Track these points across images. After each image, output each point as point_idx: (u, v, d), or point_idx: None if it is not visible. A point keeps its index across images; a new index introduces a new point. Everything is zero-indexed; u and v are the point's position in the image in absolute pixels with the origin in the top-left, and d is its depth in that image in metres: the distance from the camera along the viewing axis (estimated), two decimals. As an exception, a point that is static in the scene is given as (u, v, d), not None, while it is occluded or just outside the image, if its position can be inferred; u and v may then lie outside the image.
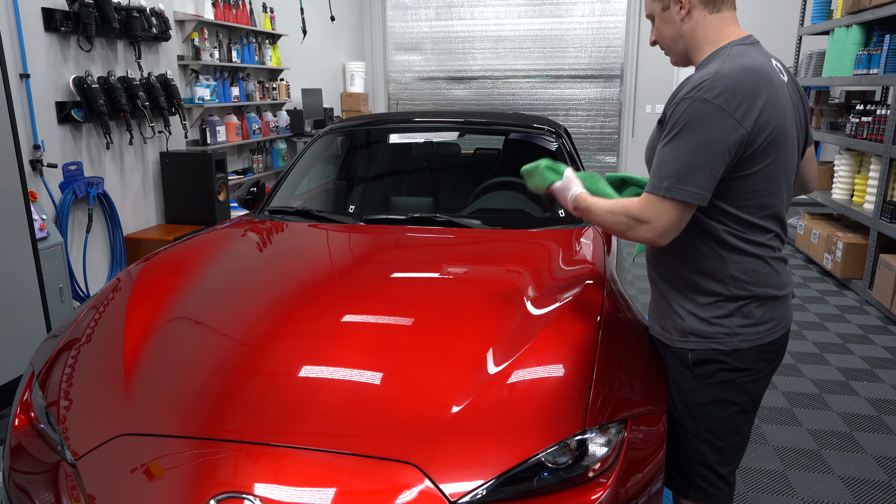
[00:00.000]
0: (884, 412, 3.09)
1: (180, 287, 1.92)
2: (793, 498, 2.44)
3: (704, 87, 1.35)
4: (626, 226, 1.44)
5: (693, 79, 1.40)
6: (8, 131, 3.02)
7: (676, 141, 1.37)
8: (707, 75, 1.37)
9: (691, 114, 1.35)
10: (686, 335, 1.52)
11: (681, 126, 1.36)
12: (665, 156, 1.38)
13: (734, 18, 1.49)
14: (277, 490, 1.23)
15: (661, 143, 1.41)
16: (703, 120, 1.34)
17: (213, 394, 1.45)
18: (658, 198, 1.38)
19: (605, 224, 1.50)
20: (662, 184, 1.37)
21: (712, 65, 1.41)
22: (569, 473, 1.33)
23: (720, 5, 1.47)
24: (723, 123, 1.33)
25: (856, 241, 4.95)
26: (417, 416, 1.37)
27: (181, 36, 5.38)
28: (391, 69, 9.61)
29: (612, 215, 1.47)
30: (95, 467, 1.34)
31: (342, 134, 3.17)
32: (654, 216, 1.39)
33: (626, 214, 1.43)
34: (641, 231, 1.42)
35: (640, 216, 1.41)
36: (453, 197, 2.98)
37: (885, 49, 4.56)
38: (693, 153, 1.35)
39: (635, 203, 1.43)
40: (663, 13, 1.52)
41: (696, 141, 1.34)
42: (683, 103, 1.37)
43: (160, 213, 5.14)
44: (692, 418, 1.55)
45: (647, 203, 1.40)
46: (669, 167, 1.37)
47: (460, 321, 1.67)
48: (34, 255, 3.22)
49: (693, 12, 1.48)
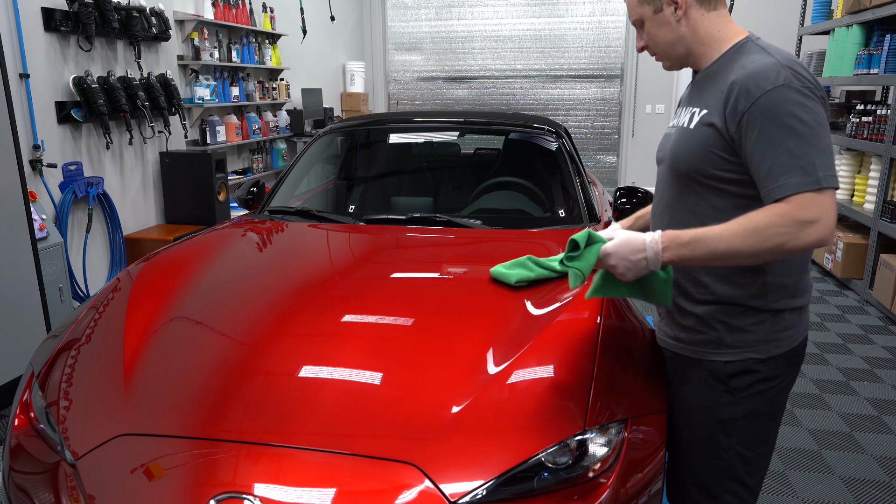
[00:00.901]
0: (884, 412, 3.09)
1: (180, 287, 1.92)
2: (793, 498, 2.44)
3: (788, 76, 1.25)
4: (787, 236, 1.21)
5: (752, 74, 1.28)
6: (8, 131, 3.02)
7: (795, 133, 1.23)
8: (774, 66, 1.27)
9: (793, 105, 1.23)
10: (721, 347, 1.44)
11: (786, 117, 1.24)
12: (792, 151, 1.23)
13: (729, 16, 1.43)
14: (277, 490, 1.23)
15: (761, 143, 1.26)
16: (806, 106, 1.24)
17: (213, 394, 1.45)
18: (814, 193, 1.21)
19: (746, 249, 1.23)
20: (816, 175, 1.21)
21: (759, 56, 1.31)
22: (569, 473, 1.32)
23: (716, 2, 1.40)
24: (822, 108, 1.27)
25: (856, 241, 4.95)
26: (417, 416, 1.37)
27: (181, 36, 5.38)
28: (391, 69, 9.61)
29: (755, 234, 1.23)
30: (95, 467, 1.34)
31: (342, 134, 3.17)
32: (822, 212, 1.21)
33: (784, 223, 1.21)
34: (810, 234, 1.21)
35: (806, 217, 1.20)
36: (453, 197, 2.98)
37: (886, 49, 4.56)
38: (823, 139, 1.24)
39: (786, 208, 1.22)
40: (656, 16, 1.43)
41: (818, 129, 1.24)
42: (772, 95, 1.24)
43: (160, 213, 5.14)
44: (726, 433, 1.46)
45: (805, 202, 1.21)
46: (809, 158, 1.22)
47: (460, 321, 1.67)
48: (34, 255, 3.21)
49: (690, 12, 1.39)
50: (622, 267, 1.35)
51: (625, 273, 1.35)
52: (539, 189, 2.87)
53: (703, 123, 1.37)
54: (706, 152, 1.36)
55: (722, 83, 1.35)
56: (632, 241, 1.34)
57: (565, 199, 2.72)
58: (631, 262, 1.34)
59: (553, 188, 2.86)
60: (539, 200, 2.81)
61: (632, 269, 1.34)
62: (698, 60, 1.44)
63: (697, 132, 1.38)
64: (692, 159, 1.39)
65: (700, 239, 1.27)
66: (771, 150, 1.24)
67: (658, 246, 1.31)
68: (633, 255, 1.33)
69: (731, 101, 1.30)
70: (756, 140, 1.26)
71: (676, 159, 1.43)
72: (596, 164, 9.29)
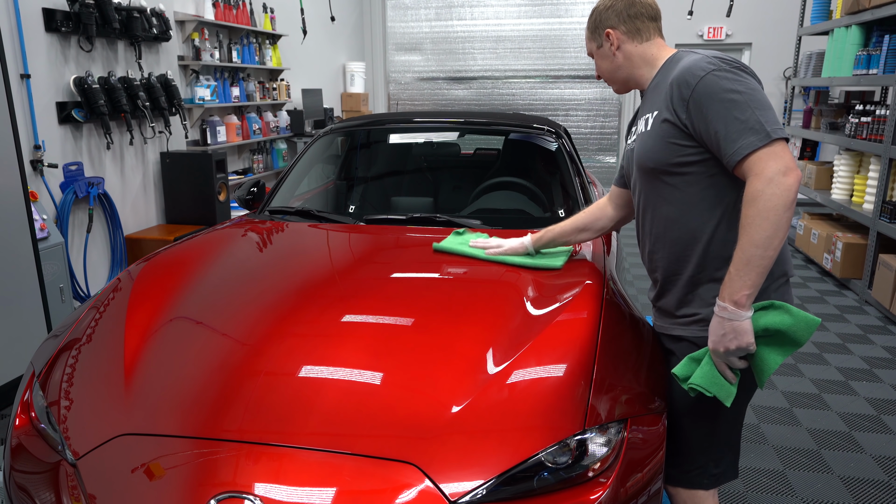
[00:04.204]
0: (883, 412, 3.10)
1: (181, 287, 1.92)
2: (792, 498, 2.44)
3: (716, 62, 1.43)
4: (775, 196, 1.31)
5: (685, 69, 1.46)
6: (9, 131, 3.03)
7: (735, 103, 1.38)
8: (702, 59, 1.46)
9: (726, 82, 1.40)
10: (704, 323, 1.53)
11: (723, 93, 1.39)
12: (740, 115, 1.37)
13: (664, 43, 1.65)
14: (278, 490, 1.24)
15: (711, 119, 1.40)
16: (737, 80, 1.40)
17: (213, 394, 1.45)
18: (768, 147, 1.34)
19: (769, 231, 1.32)
20: (765, 130, 1.35)
21: (688, 56, 1.50)
22: (569, 473, 1.33)
23: (647, 34, 1.63)
24: (753, 79, 1.43)
25: (855, 241, 4.95)
26: (417, 416, 1.37)
27: (181, 36, 5.38)
28: (391, 69, 9.61)
29: (759, 217, 1.32)
30: (96, 467, 1.34)
31: (342, 134, 3.17)
32: (783, 160, 1.32)
33: (764, 189, 1.31)
34: (787, 181, 1.32)
35: (774, 170, 1.32)
36: (453, 197, 2.98)
37: (885, 49, 4.56)
38: (761, 101, 1.38)
39: (754, 181, 1.33)
40: (599, 50, 1.69)
41: (754, 94, 1.39)
42: (707, 80, 1.41)
43: (160, 214, 5.14)
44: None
45: (765, 158, 1.34)
46: (755, 118, 1.36)
47: (460, 321, 1.67)
48: (35, 255, 3.22)
49: (623, 46, 1.64)
50: (722, 346, 1.40)
51: (728, 345, 1.40)
52: (539, 189, 2.88)
53: (658, 122, 1.53)
54: (666, 144, 1.51)
55: (664, 87, 1.53)
56: (714, 327, 1.42)
57: (565, 199, 2.72)
58: (725, 336, 1.40)
59: (553, 188, 2.87)
60: (539, 200, 2.81)
61: (730, 338, 1.39)
62: (639, 82, 1.67)
63: (655, 130, 1.55)
64: (655, 154, 1.54)
65: (742, 264, 1.36)
66: (720, 121, 1.39)
67: (731, 303, 1.38)
68: (724, 334, 1.39)
69: (675, 95, 1.47)
70: (705, 118, 1.42)
71: (643, 159, 1.59)
72: (596, 164, 9.29)
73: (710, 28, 8.42)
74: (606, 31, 1.64)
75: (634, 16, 1.62)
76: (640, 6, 1.63)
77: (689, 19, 8.23)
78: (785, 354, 1.42)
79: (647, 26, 1.63)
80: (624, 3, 1.63)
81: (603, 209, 1.98)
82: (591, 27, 1.71)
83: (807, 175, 6.09)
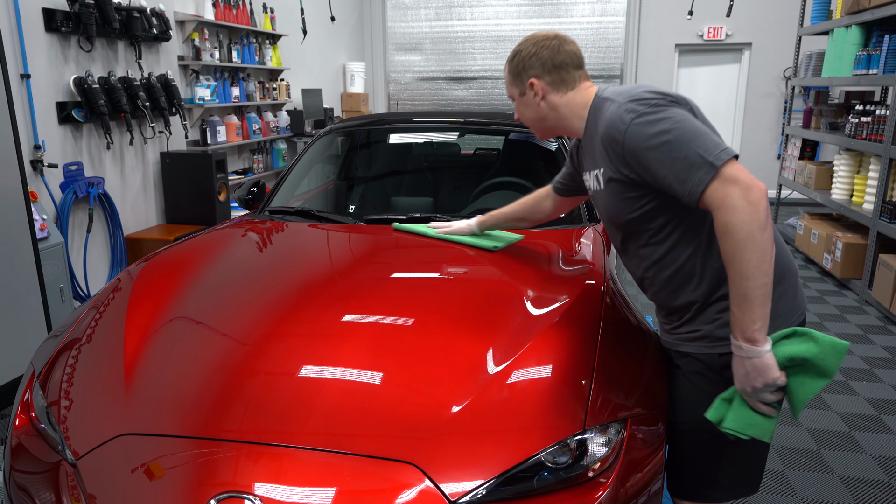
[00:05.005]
0: (883, 412, 3.10)
1: (181, 287, 1.92)
2: (792, 497, 2.44)
3: (632, 109, 1.38)
4: (748, 222, 1.25)
5: (608, 125, 1.42)
6: (9, 131, 3.03)
7: (669, 144, 1.33)
8: (618, 110, 1.41)
9: (650, 126, 1.35)
10: (713, 341, 1.47)
11: (652, 139, 1.34)
12: (678, 154, 1.32)
13: (589, 84, 1.59)
14: (278, 490, 1.24)
15: (653, 167, 1.36)
16: (660, 119, 1.35)
17: (213, 394, 1.45)
18: (718, 177, 1.28)
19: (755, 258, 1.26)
20: (708, 162, 1.28)
21: (607, 108, 1.45)
22: (569, 473, 1.33)
23: (572, 83, 1.57)
24: (676, 107, 1.38)
25: (855, 241, 4.95)
26: (417, 416, 1.37)
27: (181, 36, 5.38)
28: (391, 69, 9.62)
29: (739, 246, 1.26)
30: (96, 467, 1.34)
31: (342, 134, 3.17)
32: (738, 183, 1.26)
33: (736, 217, 1.25)
34: (753, 200, 1.25)
35: (736, 199, 1.25)
36: (453, 197, 2.98)
37: (885, 49, 4.56)
38: (693, 130, 1.33)
39: (719, 213, 1.28)
40: (522, 97, 1.63)
41: (683, 125, 1.34)
42: (631, 132, 1.37)
43: (160, 214, 5.14)
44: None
45: (720, 191, 1.27)
46: (694, 153, 1.30)
47: (460, 321, 1.67)
48: (35, 254, 3.22)
49: (548, 97, 1.58)
50: (749, 386, 1.34)
51: (754, 383, 1.33)
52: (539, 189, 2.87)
53: (606, 181, 1.51)
54: (625, 201, 1.49)
55: (597, 143, 1.50)
56: (736, 368, 1.36)
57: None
58: (749, 376, 1.34)
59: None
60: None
61: (754, 377, 1.33)
62: (568, 131, 1.62)
63: (608, 190, 1.52)
64: (620, 212, 1.52)
65: (740, 299, 1.30)
66: (663, 167, 1.34)
67: (744, 341, 1.32)
68: (747, 374, 1.33)
69: (610, 152, 1.44)
70: (648, 168, 1.37)
71: (612, 218, 1.57)
72: (596, 164, 9.28)
73: (710, 28, 8.42)
74: (530, 81, 1.58)
75: (559, 66, 1.56)
76: (566, 55, 1.57)
77: (689, 19, 8.24)
78: (818, 383, 1.32)
79: (573, 76, 1.57)
80: (549, 52, 1.56)
81: (541, 203, 2.04)
82: (513, 71, 1.62)
83: (806, 175, 6.09)
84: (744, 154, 8.67)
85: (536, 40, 1.59)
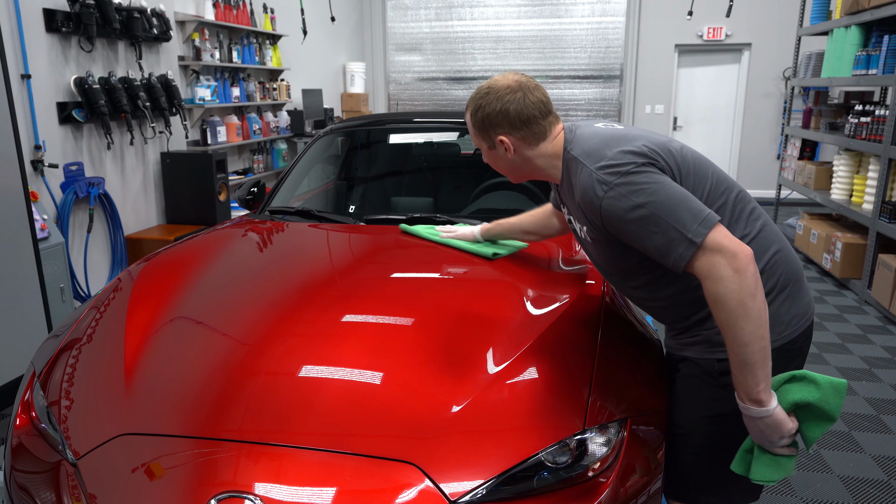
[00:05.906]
0: (883, 412, 3.10)
1: (181, 287, 1.92)
2: (792, 497, 2.45)
3: (604, 180, 1.34)
4: (737, 291, 1.24)
5: (583, 192, 1.39)
6: (9, 131, 3.03)
7: (646, 218, 1.31)
8: (589, 179, 1.37)
9: (624, 200, 1.32)
10: (712, 346, 1.47)
11: (628, 213, 1.32)
12: (656, 230, 1.30)
13: (560, 127, 1.53)
14: (278, 489, 1.24)
15: (633, 237, 1.35)
16: (633, 190, 1.32)
17: (213, 393, 1.45)
18: (699, 250, 1.27)
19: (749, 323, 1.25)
20: (686, 237, 1.27)
21: (578, 172, 1.42)
22: (568, 473, 1.33)
23: (542, 135, 1.50)
24: (651, 167, 1.35)
25: (855, 241, 4.96)
26: (417, 416, 1.37)
27: (182, 36, 5.38)
28: (391, 69, 9.62)
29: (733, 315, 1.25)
30: (96, 467, 1.34)
31: (342, 134, 3.17)
32: (722, 255, 1.25)
33: (724, 286, 1.24)
34: (740, 267, 1.25)
35: (722, 268, 1.25)
36: (453, 197, 2.98)
37: (884, 49, 4.56)
38: (670, 202, 1.30)
39: (706, 284, 1.27)
40: (490, 151, 1.56)
41: (660, 196, 1.31)
42: (605, 207, 1.34)
43: (161, 214, 5.14)
44: (729, 423, 1.46)
45: (704, 264, 1.27)
46: (673, 228, 1.29)
47: (460, 321, 1.67)
48: (35, 255, 3.22)
49: (520, 151, 1.52)
50: (766, 442, 1.34)
51: (770, 438, 1.33)
52: (539, 189, 2.88)
53: (591, 236, 1.51)
54: (611, 251, 1.49)
55: (577, 200, 1.45)
56: (749, 427, 1.35)
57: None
58: (763, 434, 1.33)
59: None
60: (539, 200, 2.81)
61: (769, 433, 1.32)
62: (546, 178, 1.58)
63: (596, 245, 1.52)
64: (608, 262, 1.54)
65: (740, 365, 1.28)
66: (643, 240, 1.33)
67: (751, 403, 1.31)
68: (761, 432, 1.33)
69: (591, 215, 1.42)
70: (630, 237, 1.36)
71: (601, 267, 1.59)
72: (596, 164, 9.27)
73: (710, 28, 8.42)
74: (500, 138, 1.51)
75: (528, 120, 1.48)
76: (532, 107, 1.48)
77: (688, 19, 8.24)
78: (824, 426, 1.35)
79: (542, 126, 1.50)
80: (515, 108, 1.47)
81: (549, 219, 1.99)
82: (477, 126, 1.53)
83: (806, 175, 6.09)
84: (743, 154, 8.68)
85: (499, 94, 1.49)
